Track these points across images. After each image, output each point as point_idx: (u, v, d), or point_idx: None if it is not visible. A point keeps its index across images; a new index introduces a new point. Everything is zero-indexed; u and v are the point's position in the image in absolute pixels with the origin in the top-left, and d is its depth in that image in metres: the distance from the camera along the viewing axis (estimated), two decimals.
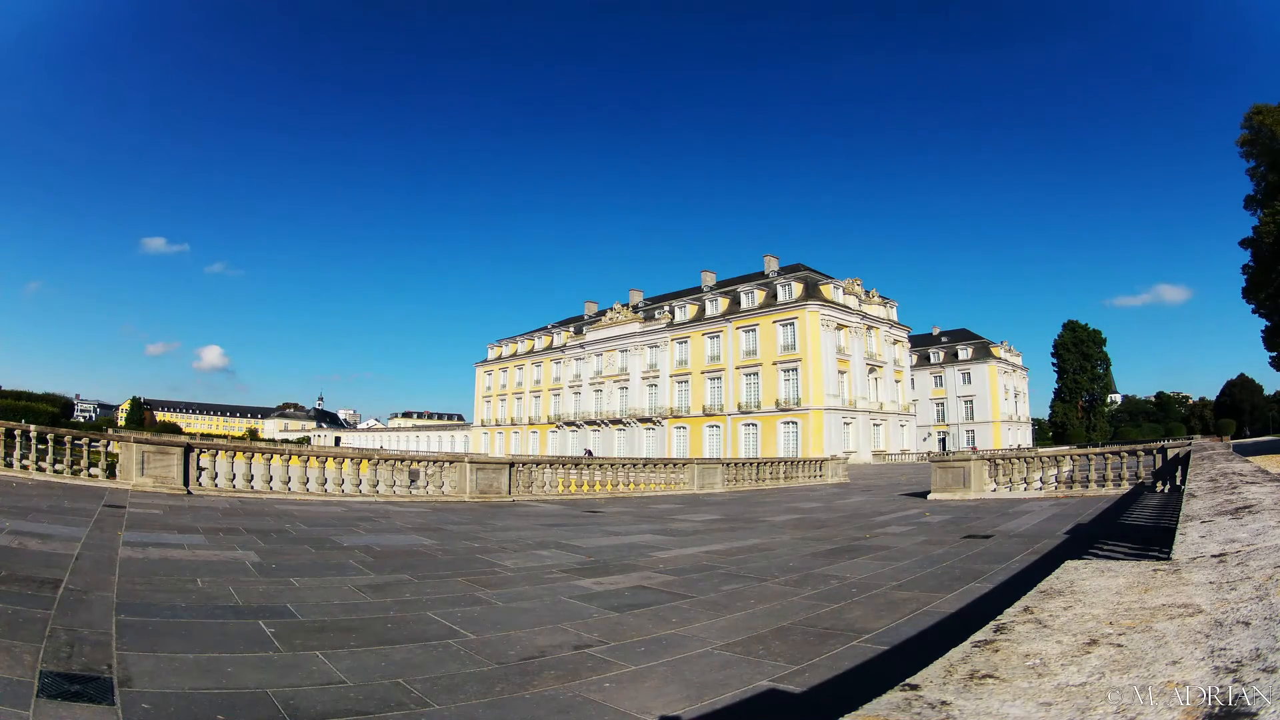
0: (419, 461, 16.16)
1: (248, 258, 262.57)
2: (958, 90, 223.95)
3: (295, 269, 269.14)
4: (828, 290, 60.17)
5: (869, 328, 63.77)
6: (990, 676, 1.37)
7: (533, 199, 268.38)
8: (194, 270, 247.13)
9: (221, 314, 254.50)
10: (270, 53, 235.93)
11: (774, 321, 60.11)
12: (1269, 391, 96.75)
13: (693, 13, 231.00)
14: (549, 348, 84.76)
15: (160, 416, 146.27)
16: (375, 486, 14.40)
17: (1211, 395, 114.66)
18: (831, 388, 57.34)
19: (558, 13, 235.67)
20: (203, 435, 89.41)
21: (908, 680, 1.37)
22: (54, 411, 54.91)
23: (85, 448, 13.13)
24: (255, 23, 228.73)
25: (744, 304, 63.25)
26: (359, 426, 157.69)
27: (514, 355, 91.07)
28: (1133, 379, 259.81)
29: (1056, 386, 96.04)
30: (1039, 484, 16.22)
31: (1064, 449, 45.26)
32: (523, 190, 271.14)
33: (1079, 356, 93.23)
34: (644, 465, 20.56)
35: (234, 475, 13.10)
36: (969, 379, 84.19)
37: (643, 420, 69.66)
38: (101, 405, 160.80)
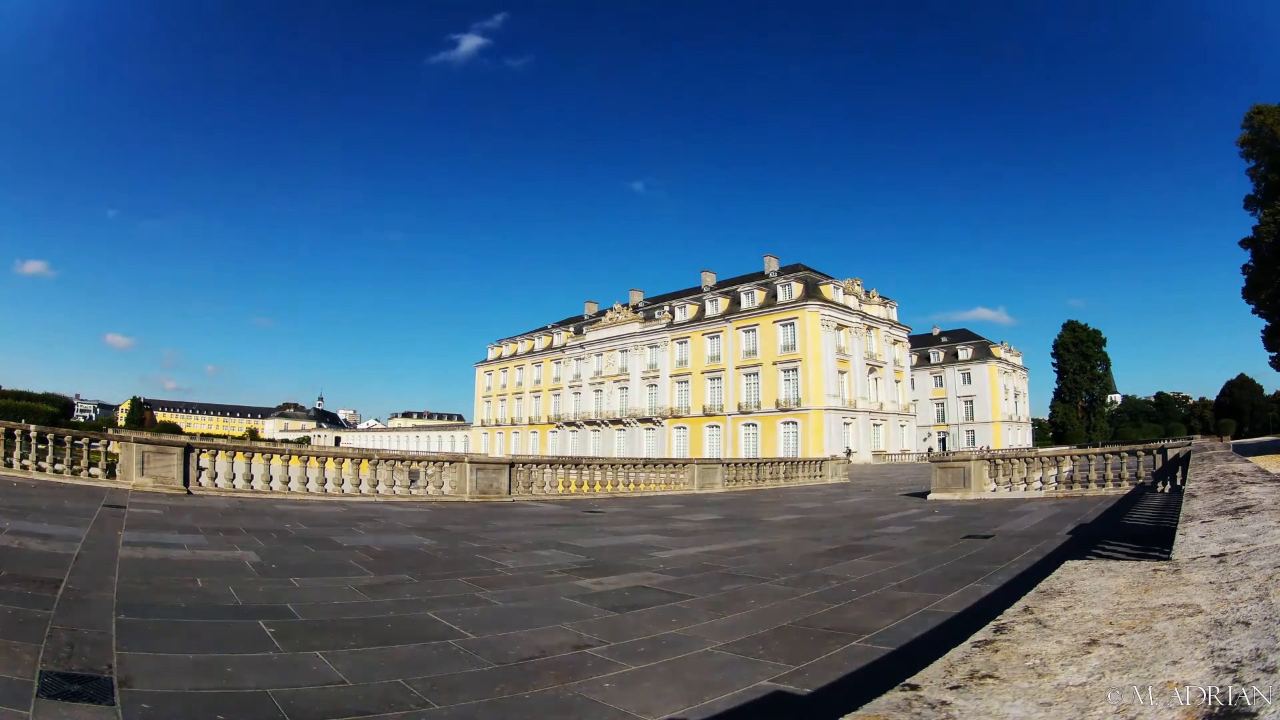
0: (419, 461, 16.17)
1: (248, 260, 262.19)
2: (957, 89, 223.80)
3: (295, 269, 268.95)
4: (828, 290, 60.18)
5: (869, 328, 63.76)
6: (990, 677, 1.37)
7: (533, 199, 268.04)
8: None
9: (223, 317, 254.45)
10: (268, 49, 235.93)
11: (774, 321, 60.12)
12: (1269, 391, 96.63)
13: (692, 12, 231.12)
14: (549, 348, 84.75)
15: (160, 416, 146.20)
16: (375, 486, 14.41)
17: (1211, 395, 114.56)
18: (831, 388, 57.34)
19: (558, 13, 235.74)
20: (203, 435, 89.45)
21: (908, 680, 1.37)
22: (54, 411, 54.74)
23: (85, 448, 13.13)
24: (254, 28, 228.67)
25: (744, 304, 63.25)
26: (359, 426, 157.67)
27: (514, 355, 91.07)
28: (1133, 379, 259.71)
29: (1056, 386, 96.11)
30: (1039, 484, 16.21)
31: (1064, 449, 45.21)
32: (523, 190, 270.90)
33: (1079, 356, 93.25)
34: (644, 465, 20.56)
35: (234, 475, 13.10)
36: (969, 379, 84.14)
37: (643, 420, 69.65)
38: (101, 405, 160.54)
